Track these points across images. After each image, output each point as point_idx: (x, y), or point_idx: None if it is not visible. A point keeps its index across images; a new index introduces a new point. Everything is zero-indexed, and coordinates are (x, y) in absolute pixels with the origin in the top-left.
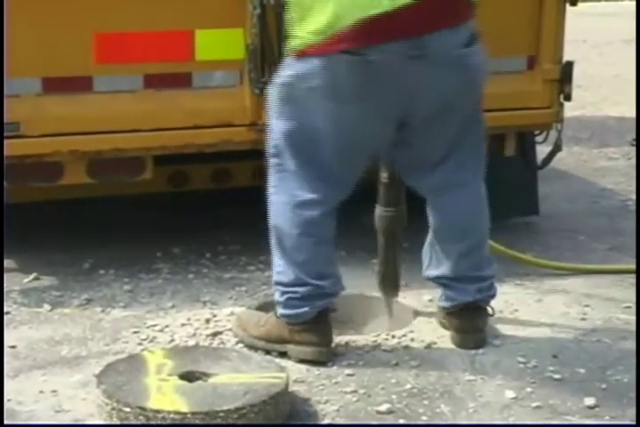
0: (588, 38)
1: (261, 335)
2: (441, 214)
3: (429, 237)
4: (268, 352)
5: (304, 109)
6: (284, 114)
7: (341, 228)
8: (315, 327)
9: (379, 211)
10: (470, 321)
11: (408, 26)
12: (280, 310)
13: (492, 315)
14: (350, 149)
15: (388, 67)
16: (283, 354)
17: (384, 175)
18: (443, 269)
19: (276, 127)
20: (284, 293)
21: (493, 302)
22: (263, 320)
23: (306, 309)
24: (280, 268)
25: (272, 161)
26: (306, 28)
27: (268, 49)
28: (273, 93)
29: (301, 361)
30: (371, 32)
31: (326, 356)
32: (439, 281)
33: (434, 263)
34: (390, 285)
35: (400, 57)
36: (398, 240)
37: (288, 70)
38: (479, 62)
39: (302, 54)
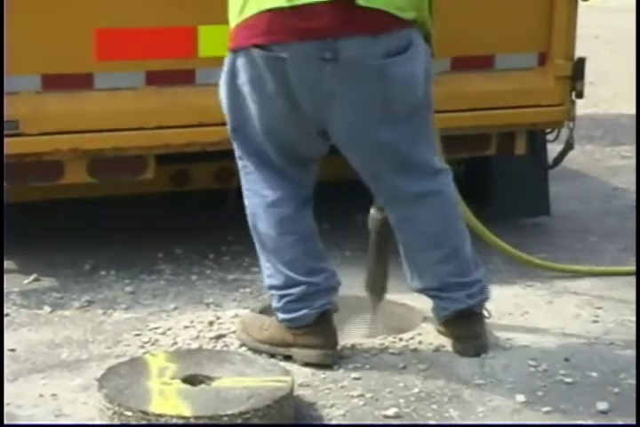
0: (601, 34)
1: (265, 339)
2: (409, 225)
3: (402, 251)
4: (272, 356)
5: (242, 106)
6: (230, 112)
7: (341, 228)
8: (317, 329)
9: (373, 212)
10: (466, 328)
11: (318, 27)
12: (280, 315)
13: (489, 317)
14: (287, 148)
15: (303, 67)
16: (288, 357)
17: None
18: (426, 280)
19: (228, 126)
20: (280, 297)
21: (503, 304)
22: (266, 324)
23: (305, 311)
24: (269, 271)
25: (239, 164)
26: (230, 12)
27: None
28: (219, 91)
29: (306, 364)
30: (276, 28)
31: (332, 358)
32: (426, 293)
33: (416, 276)
34: (378, 287)
35: (314, 58)
36: (390, 243)
37: (224, 66)
38: (404, 73)
39: (230, 49)
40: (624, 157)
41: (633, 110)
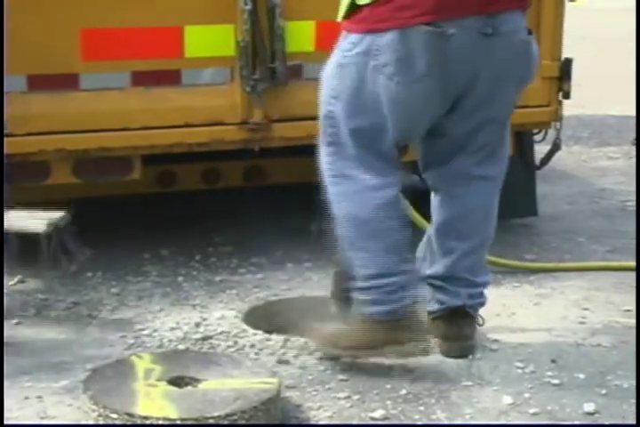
0: (588, 35)
1: (354, 345)
2: (453, 206)
3: (429, 234)
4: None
5: (367, 90)
6: (345, 97)
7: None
8: (412, 321)
9: None
10: (458, 328)
11: (481, 3)
12: (371, 309)
13: (482, 325)
14: (408, 131)
15: (464, 42)
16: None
17: None
18: (437, 267)
19: (335, 112)
20: (373, 288)
21: (490, 305)
22: (348, 329)
23: (397, 303)
24: (361, 260)
25: (329, 150)
26: None
27: (259, 46)
28: (331, 75)
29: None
30: (443, 5)
31: (430, 350)
32: (430, 281)
33: (428, 261)
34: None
35: (474, 33)
36: None
37: (353, 47)
38: (536, 52)
39: (371, 29)
40: (611, 157)
41: (620, 111)
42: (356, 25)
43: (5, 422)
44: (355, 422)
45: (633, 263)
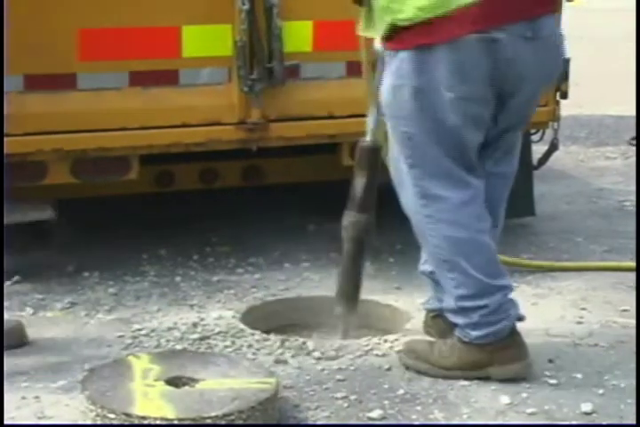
0: (586, 35)
1: (455, 365)
2: (500, 184)
3: None
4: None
5: (433, 105)
6: (415, 115)
7: (328, 229)
8: (514, 340)
9: (351, 217)
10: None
11: (524, 9)
12: (473, 333)
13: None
14: (474, 134)
15: (511, 47)
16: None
17: (362, 179)
18: None
19: (411, 133)
20: (473, 310)
21: None
22: (446, 349)
23: (503, 322)
24: (456, 281)
25: (413, 172)
26: (411, 2)
27: (256, 45)
28: (392, 98)
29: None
30: (492, 12)
31: (531, 368)
32: (432, 277)
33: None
34: (351, 298)
35: (519, 38)
36: (365, 250)
37: (404, 65)
38: (564, 52)
39: (420, 45)
40: (608, 157)
41: (617, 111)
42: (402, 43)
43: (3, 422)
44: (352, 422)
45: (631, 263)
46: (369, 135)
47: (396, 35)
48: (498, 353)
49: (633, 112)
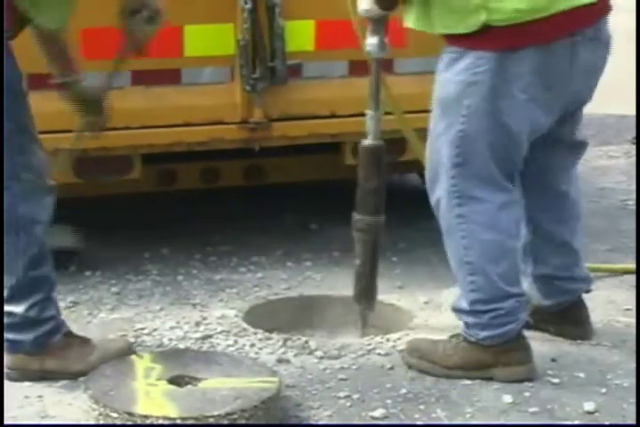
0: None
1: (457, 365)
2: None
3: (529, 237)
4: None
5: (502, 105)
6: (480, 114)
7: (329, 229)
8: (520, 343)
9: (367, 220)
10: (586, 311)
11: (596, 11)
12: (481, 333)
13: None
14: (526, 143)
15: (582, 49)
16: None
17: (372, 180)
18: (556, 260)
19: (467, 131)
20: (484, 312)
21: None
22: (450, 348)
23: (512, 325)
24: (474, 285)
25: (454, 171)
26: (510, 3)
27: (259, 45)
28: (457, 95)
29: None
30: (580, 15)
31: (535, 371)
32: (548, 277)
33: (540, 260)
34: (369, 299)
35: (589, 40)
36: (379, 250)
37: (484, 64)
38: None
39: (509, 46)
40: (611, 157)
41: (620, 111)
42: (487, 42)
43: (5, 421)
44: (355, 421)
45: (631, 266)
46: (371, 135)
47: (481, 34)
48: (503, 355)
49: (634, 111)
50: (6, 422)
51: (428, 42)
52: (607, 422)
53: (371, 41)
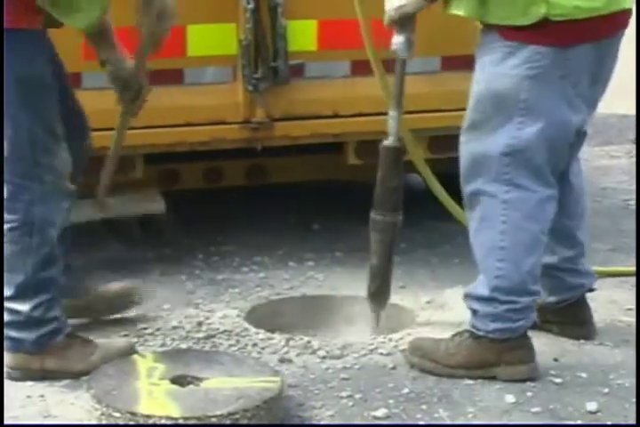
0: None
1: (460, 364)
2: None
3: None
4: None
5: (557, 98)
6: (537, 107)
7: (331, 228)
8: (524, 342)
9: (388, 218)
10: (589, 309)
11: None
12: (492, 325)
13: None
14: (572, 138)
15: (607, 49)
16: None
17: (395, 181)
18: (562, 251)
19: (525, 123)
20: (503, 302)
21: None
22: (453, 347)
23: (522, 322)
24: (502, 271)
25: (507, 159)
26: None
27: (261, 44)
28: (515, 88)
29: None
30: (618, 17)
31: (538, 371)
32: (552, 268)
33: (546, 249)
34: (383, 297)
35: (609, 41)
36: (395, 250)
37: (541, 59)
38: None
39: (566, 43)
40: (613, 156)
41: (621, 110)
42: (545, 37)
43: (7, 421)
44: (357, 421)
45: (632, 268)
46: (392, 135)
47: (537, 28)
48: (506, 353)
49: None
50: (8, 421)
51: (428, 42)
52: (609, 422)
53: (398, 40)
